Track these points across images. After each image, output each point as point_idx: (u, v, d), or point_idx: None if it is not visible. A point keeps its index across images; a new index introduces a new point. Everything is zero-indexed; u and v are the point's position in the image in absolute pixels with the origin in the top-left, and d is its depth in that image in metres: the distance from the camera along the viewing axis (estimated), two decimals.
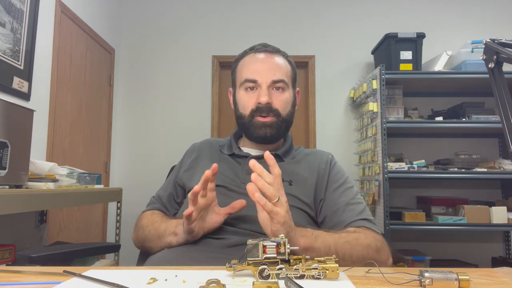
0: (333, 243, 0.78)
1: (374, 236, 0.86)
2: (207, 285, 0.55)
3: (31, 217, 2.05)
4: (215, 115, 3.25)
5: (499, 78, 0.74)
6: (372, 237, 0.85)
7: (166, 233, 0.88)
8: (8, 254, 1.52)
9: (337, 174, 1.00)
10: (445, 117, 2.75)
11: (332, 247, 0.77)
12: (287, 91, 1.00)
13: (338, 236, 0.80)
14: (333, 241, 0.79)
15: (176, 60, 3.33)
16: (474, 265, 2.75)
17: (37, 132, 1.98)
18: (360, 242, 0.81)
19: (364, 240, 0.82)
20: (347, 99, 3.24)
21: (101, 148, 2.99)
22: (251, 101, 0.97)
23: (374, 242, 0.83)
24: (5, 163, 1.32)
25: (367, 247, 0.81)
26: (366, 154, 2.84)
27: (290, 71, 1.03)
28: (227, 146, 1.07)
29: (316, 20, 3.33)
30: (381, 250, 0.83)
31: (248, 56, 1.02)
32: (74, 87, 2.58)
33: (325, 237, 0.78)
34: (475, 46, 2.66)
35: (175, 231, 0.86)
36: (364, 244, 0.81)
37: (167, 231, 0.88)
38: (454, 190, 3.05)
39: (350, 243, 0.80)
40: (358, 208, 0.92)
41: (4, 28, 1.85)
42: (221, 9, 3.37)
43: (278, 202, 0.70)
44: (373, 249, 0.82)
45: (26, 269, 0.67)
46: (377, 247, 0.83)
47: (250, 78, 0.97)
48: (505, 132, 0.70)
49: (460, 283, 0.56)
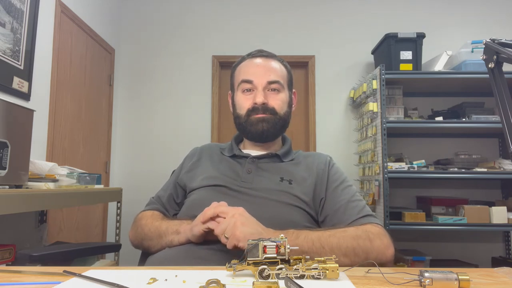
0: (316, 238, 0.78)
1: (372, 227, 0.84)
2: (207, 285, 0.55)
3: (31, 217, 2.05)
4: (215, 115, 3.25)
5: (499, 78, 0.74)
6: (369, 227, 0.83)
7: (168, 231, 0.88)
8: (8, 254, 1.52)
9: (335, 174, 1.01)
10: (445, 117, 2.74)
11: (316, 241, 0.77)
12: (282, 92, 1.04)
13: (323, 232, 0.81)
14: (316, 236, 0.79)
15: (176, 60, 3.33)
16: (474, 265, 2.75)
17: (37, 132, 1.98)
18: (347, 234, 0.80)
19: (354, 231, 0.81)
20: (347, 99, 3.24)
21: (101, 148, 2.99)
22: (248, 102, 1.02)
23: (365, 233, 0.81)
24: (5, 163, 1.32)
25: (356, 237, 0.80)
26: (366, 154, 2.84)
27: (286, 74, 1.07)
28: (228, 148, 1.10)
29: (316, 20, 3.33)
30: (374, 239, 0.81)
31: (245, 61, 1.07)
32: (74, 87, 2.58)
33: (308, 234, 0.79)
34: (475, 46, 2.66)
35: (178, 230, 0.87)
36: (353, 235, 0.80)
37: (169, 230, 0.89)
38: (454, 190, 3.05)
39: (335, 236, 0.79)
40: (359, 206, 0.93)
41: (4, 28, 1.85)
42: (221, 9, 3.37)
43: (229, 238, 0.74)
44: (363, 238, 0.80)
45: (26, 269, 0.67)
46: (369, 237, 0.81)
47: (246, 79, 1.02)
48: (505, 132, 0.71)
49: (460, 283, 0.56)
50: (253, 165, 1.00)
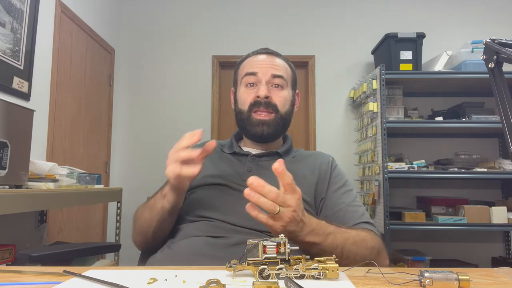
0: (341, 244, 0.79)
1: (377, 239, 0.88)
2: (207, 285, 0.55)
3: (31, 217, 2.05)
4: (215, 115, 3.25)
5: (499, 78, 0.74)
6: (376, 240, 0.87)
7: (156, 201, 0.88)
8: (8, 254, 1.52)
9: (338, 175, 1.01)
10: (445, 117, 2.74)
11: (339, 247, 0.78)
12: (286, 89, 1.03)
13: (348, 236, 0.81)
14: (342, 241, 0.79)
15: (176, 60, 3.33)
16: (474, 265, 2.75)
17: (37, 132, 1.98)
18: (365, 244, 0.83)
19: (370, 242, 0.84)
20: (347, 99, 3.24)
21: (101, 148, 2.99)
22: (250, 96, 1.00)
23: (376, 245, 0.85)
24: (5, 163, 1.32)
25: (371, 249, 0.83)
26: (366, 154, 2.84)
27: (290, 73, 1.06)
28: (228, 145, 1.08)
29: (316, 20, 3.33)
30: (381, 252, 0.86)
31: (249, 58, 1.06)
32: (74, 87, 2.58)
33: (336, 236, 0.78)
34: (475, 46, 2.66)
35: (163, 194, 0.86)
36: (369, 246, 0.83)
37: (156, 199, 0.89)
38: (454, 190, 3.05)
39: (356, 244, 0.81)
40: (360, 211, 0.94)
41: (4, 28, 1.85)
42: (221, 9, 3.37)
43: (277, 215, 0.69)
44: (375, 251, 0.84)
45: (26, 269, 0.67)
46: (378, 249, 0.85)
47: (251, 71, 1.01)
48: (505, 132, 0.70)
49: (460, 283, 0.56)
50: (253, 164, 1.00)
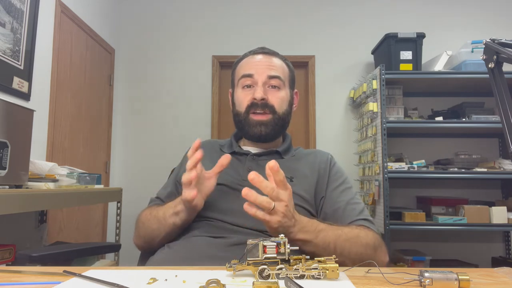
0: (333, 241, 0.79)
1: (373, 235, 0.87)
2: (207, 285, 0.55)
3: (31, 217, 2.05)
4: (215, 115, 3.25)
5: (499, 78, 0.74)
6: (372, 236, 0.86)
7: (166, 215, 0.88)
8: (8, 254, 1.52)
9: (337, 173, 1.01)
10: (445, 117, 2.74)
11: (331, 244, 0.79)
12: (283, 89, 1.02)
13: (340, 233, 0.81)
14: (334, 238, 0.80)
15: (176, 60, 3.33)
16: (474, 265, 2.75)
17: (37, 132, 1.98)
18: (359, 240, 0.83)
19: (364, 238, 0.84)
20: (347, 99, 3.24)
21: (101, 148, 2.99)
22: (247, 97, 1.00)
23: (372, 241, 0.85)
24: (5, 163, 1.32)
25: (366, 245, 0.83)
26: (366, 154, 2.84)
27: (288, 72, 1.06)
28: (228, 145, 1.08)
29: (316, 20, 3.33)
30: (378, 249, 0.85)
31: (246, 58, 1.06)
32: (74, 87, 2.58)
33: (327, 233, 0.79)
34: (475, 46, 2.66)
35: (175, 211, 0.86)
36: (363, 243, 0.83)
37: (166, 214, 0.88)
38: (454, 190, 3.04)
39: (350, 241, 0.81)
40: (358, 208, 0.94)
41: (4, 28, 1.85)
42: (221, 9, 3.37)
43: (272, 210, 0.71)
44: (371, 247, 0.83)
45: (26, 269, 0.67)
46: (375, 246, 0.85)
47: (247, 73, 1.01)
48: (505, 132, 0.71)
49: (460, 283, 0.56)
50: (253, 163, 1.00)
